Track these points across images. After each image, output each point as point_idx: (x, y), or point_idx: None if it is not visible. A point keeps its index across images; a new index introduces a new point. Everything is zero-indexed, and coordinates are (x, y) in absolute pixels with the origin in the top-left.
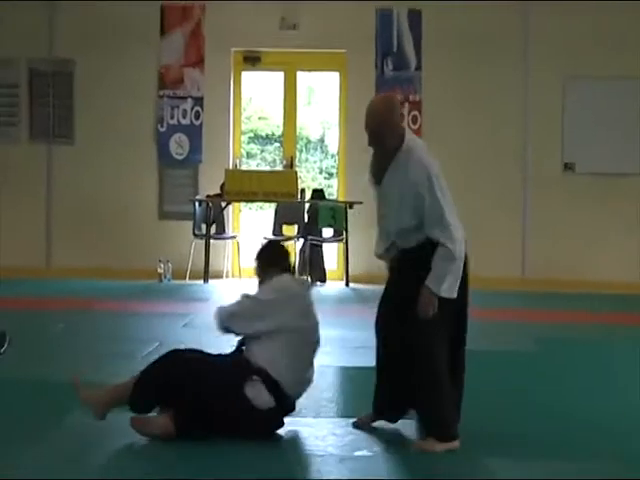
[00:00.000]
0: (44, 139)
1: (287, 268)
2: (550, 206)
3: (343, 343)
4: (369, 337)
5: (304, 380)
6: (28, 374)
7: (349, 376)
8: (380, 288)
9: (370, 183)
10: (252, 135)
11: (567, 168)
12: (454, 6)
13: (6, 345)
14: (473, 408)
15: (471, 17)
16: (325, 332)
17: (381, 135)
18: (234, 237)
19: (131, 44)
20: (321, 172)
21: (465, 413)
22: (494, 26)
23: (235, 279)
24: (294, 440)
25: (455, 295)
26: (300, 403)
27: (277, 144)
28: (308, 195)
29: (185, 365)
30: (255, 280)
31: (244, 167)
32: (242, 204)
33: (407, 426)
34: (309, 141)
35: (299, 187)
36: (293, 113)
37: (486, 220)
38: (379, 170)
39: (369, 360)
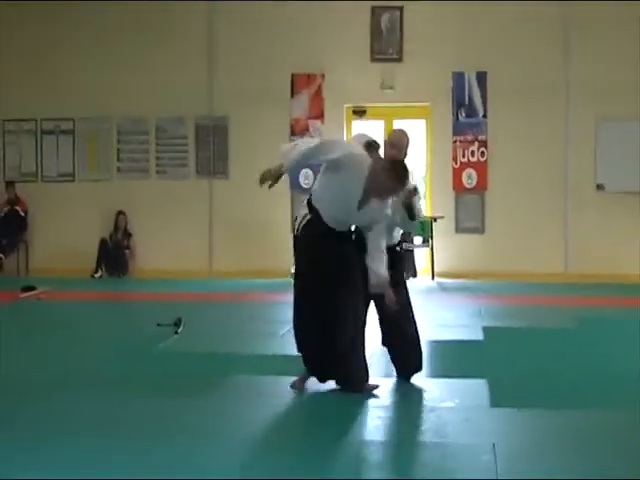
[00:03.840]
0: (206, 175)
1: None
2: (586, 217)
3: (431, 322)
4: (451, 317)
5: None
6: (197, 347)
7: (438, 347)
8: (458, 281)
9: None
10: None
11: (599, 188)
12: (512, 67)
13: (182, 327)
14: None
15: (524, 75)
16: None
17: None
18: None
19: (270, 103)
20: None
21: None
22: (541, 81)
23: None
24: (400, 394)
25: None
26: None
27: None
28: None
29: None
30: None
31: None
32: None
33: (477, 386)
34: None
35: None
36: None
37: (536, 228)
38: None
39: (451, 335)
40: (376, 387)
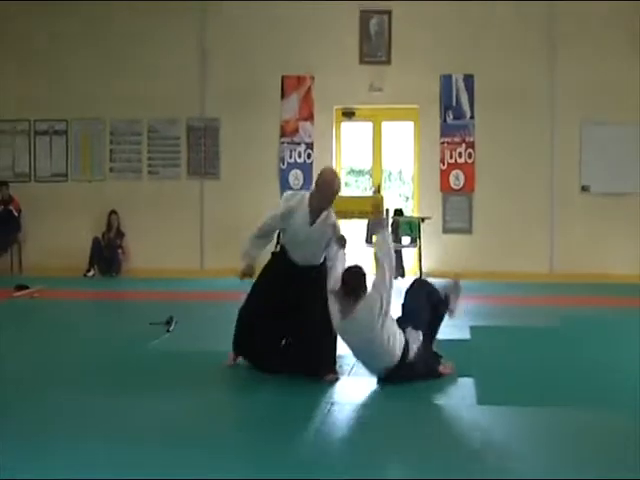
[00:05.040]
0: (198, 175)
1: None
2: (571, 218)
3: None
4: None
5: None
6: (189, 346)
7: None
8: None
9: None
10: (349, 170)
11: (584, 189)
12: (499, 70)
13: (173, 325)
14: (522, 369)
15: (510, 78)
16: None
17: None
18: None
19: (260, 105)
20: (400, 196)
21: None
22: (527, 84)
23: None
24: (386, 392)
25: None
26: None
27: (367, 176)
28: (391, 213)
29: None
30: None
31: (344, 193)
32: (342, 220)
33: (465, 384)
34: (391, 173)
35: (384, 207)
36: (379, 153)
37: (522, 229)
38: None
39: (438, 333)
40: (337, 379)
